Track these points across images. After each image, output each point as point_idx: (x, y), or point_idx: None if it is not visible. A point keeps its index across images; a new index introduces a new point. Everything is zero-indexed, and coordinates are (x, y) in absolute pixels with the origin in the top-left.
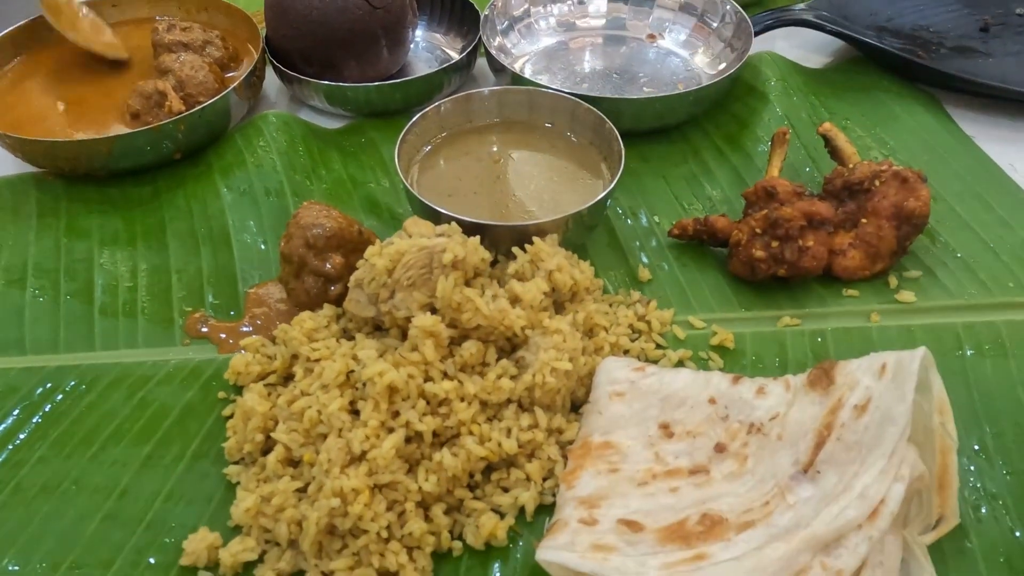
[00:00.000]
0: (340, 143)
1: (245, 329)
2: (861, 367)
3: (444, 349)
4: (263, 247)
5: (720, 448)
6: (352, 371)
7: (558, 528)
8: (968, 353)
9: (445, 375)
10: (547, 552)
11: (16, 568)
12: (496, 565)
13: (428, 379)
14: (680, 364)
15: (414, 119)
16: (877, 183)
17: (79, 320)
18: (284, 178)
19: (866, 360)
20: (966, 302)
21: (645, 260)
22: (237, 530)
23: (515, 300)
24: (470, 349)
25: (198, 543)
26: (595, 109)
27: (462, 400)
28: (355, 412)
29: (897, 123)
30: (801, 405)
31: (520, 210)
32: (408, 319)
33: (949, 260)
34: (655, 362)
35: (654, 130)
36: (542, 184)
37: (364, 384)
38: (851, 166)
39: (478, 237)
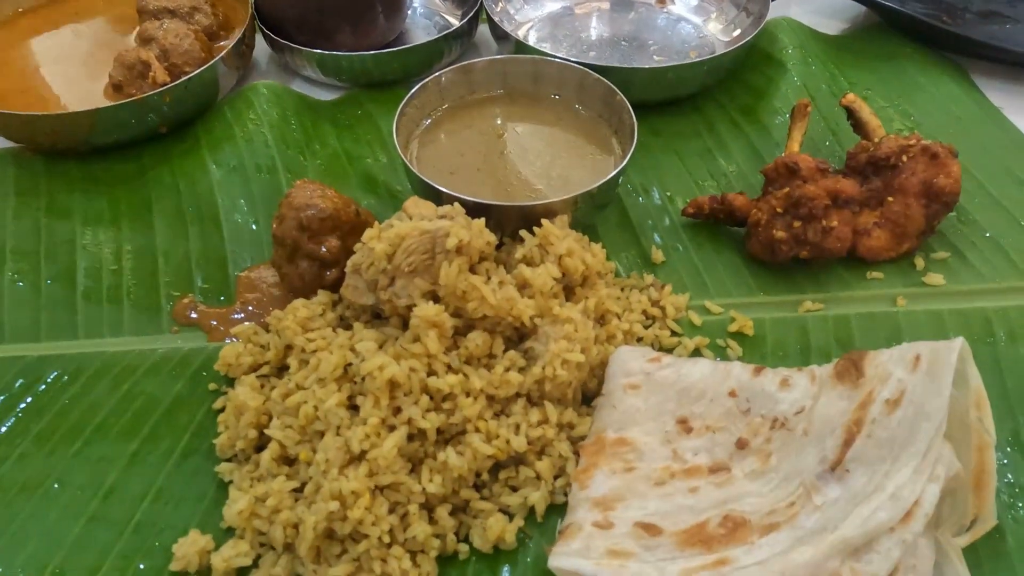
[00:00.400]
0: (335, 116)
1: (236, 316)
2: (893, 358)
3: (448, 340)
4: (254, 227)
5: (742, 444)
6: (350, 364)
7: (571, 532)
8: (1000, 339)
9: (449, 368)
10: (560, 559)
11: None
12: (505, 569)
13: (431, 373)
14: (696, 352)
15: (413, 90)
16: (904, 159)
17: (61, 306)
18: (276, 153)
19: (898, 351)
20: (997, 285)
21: (658, 241)
22: (230, 532)
23: (523, 287)
24: (476, 340)
25: (188, 547)
26: (604, 79)
27: (467, 395)
28: (354, 408)
29: (921, 93)
30: (828, 399)
31: (526, 188)
32: (409, 307)
33: (978, 240)
34: (670, 350)
35: (665, 102)
36: (549, 160)
37: (363, 378)
38: (876, 140)
39: (483, 219)
